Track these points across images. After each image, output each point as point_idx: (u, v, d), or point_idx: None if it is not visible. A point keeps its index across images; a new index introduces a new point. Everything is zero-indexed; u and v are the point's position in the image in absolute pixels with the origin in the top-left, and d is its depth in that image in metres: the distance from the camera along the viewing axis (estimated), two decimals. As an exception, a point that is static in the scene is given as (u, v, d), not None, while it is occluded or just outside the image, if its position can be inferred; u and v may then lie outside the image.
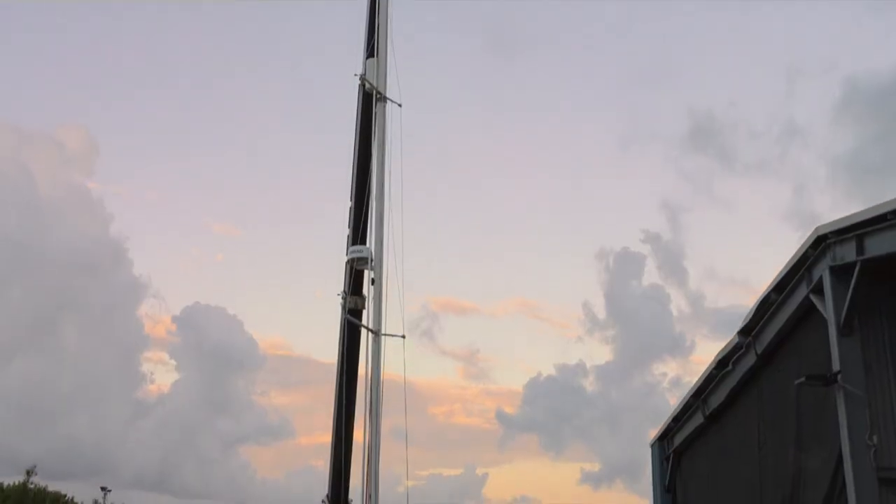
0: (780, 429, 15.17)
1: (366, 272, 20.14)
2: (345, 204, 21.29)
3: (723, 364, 17.15)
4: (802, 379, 12.82)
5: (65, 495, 52.76)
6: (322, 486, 21.70)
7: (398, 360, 19.52)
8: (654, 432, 21.78)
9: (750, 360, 16.10)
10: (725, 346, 16.89)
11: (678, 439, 20.03)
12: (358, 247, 19.97)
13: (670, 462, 20.60)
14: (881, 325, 12.98)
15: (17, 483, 47.75)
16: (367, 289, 20.69)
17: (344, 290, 20.99)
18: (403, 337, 19.96)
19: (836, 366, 12.62)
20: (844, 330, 12.72)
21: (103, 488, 48.45)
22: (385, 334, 19.67)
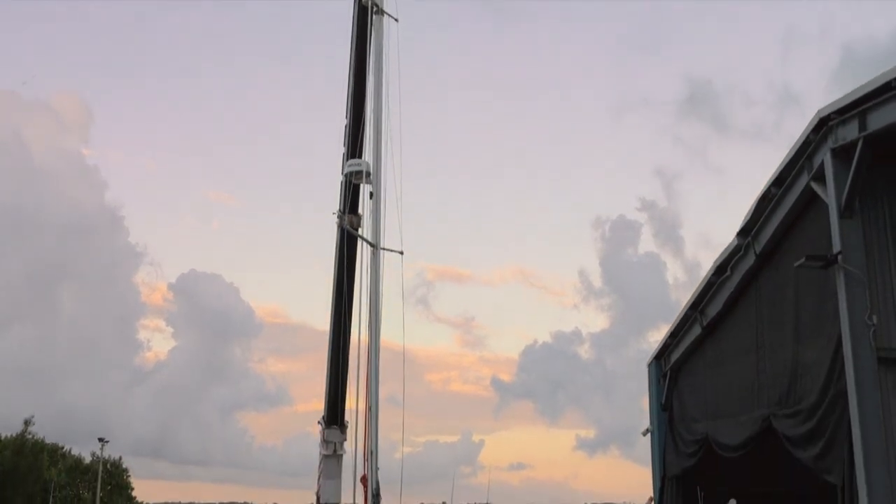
0: (779, 326, 15.12)
1: (363, 186, 19.99)
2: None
3: (721, 270, 17.07)
4: (802, 260, 12.74)
5: (62, 447, 53.06)
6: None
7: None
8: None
9: (749, 262, 16.02)
10: (724, 251, 16.81)
11: (675, 356, 19.97)
12: (355, 160, 19.80)
13: (667, 380, 20.55)
14: (882, 208, 12.91)
15: (14, 435, 47.86)
16: (363, 207, 20.53)
17: (340, 209, 20.85)
18: (402, 253, 19.86)
19: (836, 247, 12.56)
20: (845, 212, 12.65)
21: (101, 439, 48.52)
22: (384, 248, 19.57)
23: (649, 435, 21.25)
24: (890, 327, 12.43)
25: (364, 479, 18.54)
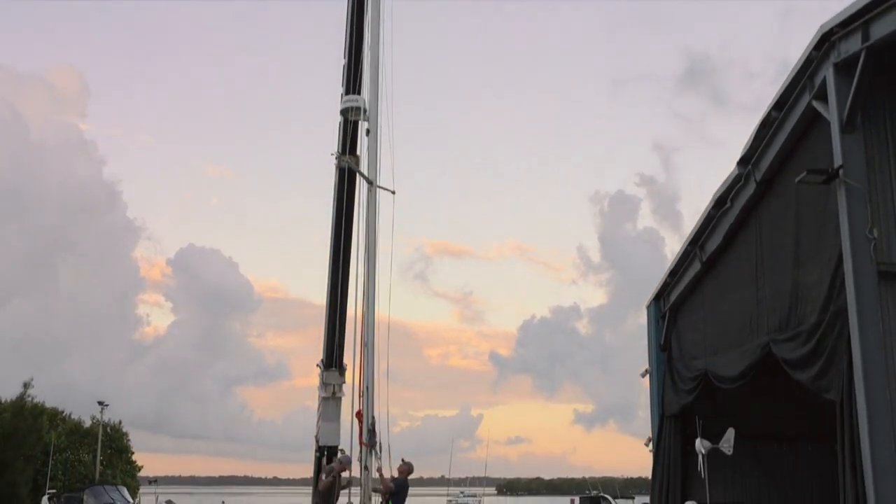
0: (779, 253, 15.05)
1: (360, 123, 19.88)
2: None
3: (720, 202, 16.98)
4: (804, 174, 12.64)
5: (62, 411, 53.05)
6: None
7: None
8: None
9: (749, 191, 15.92)
10: (723, 182, 16.70)
11: (674, 295, 19.92)
12: (352, 96, 19.67)
13: (665, 320, 20.52)
14: (883, 123, 12.82)
15: (14, 399, 47.87)
16: (360, 146, 20.42)
17: (338, 150, 20.73)
18: (393, 192, 19.80)
19: (837, 161, 12.47)
20: (847, 127, 12.56)
21: (100, 402, 48.51)
22: (379, 186, 19.49)
23: (648, 377, 21.27)
24: (890, 241, 12.37)
25: (359, 414, 18.58)
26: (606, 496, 44.86)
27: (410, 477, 16.99)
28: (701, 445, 15.99)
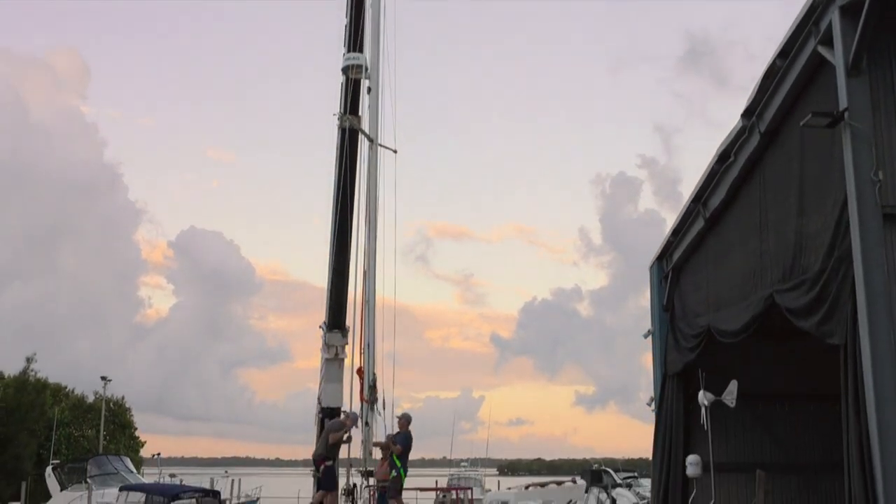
0: (783, 204, 14.98)
1: (362, 81, 19.84)
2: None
3: (724, 157, 16.89)
4: (808, 117, 12.56)
5: (65, 386, 53.32)
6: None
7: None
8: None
9: (753, 143, 15.83)
10: (727, 136, 16.61)
11: (677, 254, 19.87)
12: (353, 53, 19.61)
13: (668, 280, 20.48)
14: (889, 66, 12.73)
15: (17, 374, 48.03)
16: (362, 106, 20.37)
17: (340, 110, 20.67)
18: (395, 151, 19.77)
19: (843, 104, 12.39)
20: (852, 70, 12.47)
21: (103, 378, 48.68)
22: (381, 144, 19.47)
23: (650, 338, 21.26)
24: (895, 184, 12.28)
25: (360, 371, 18.67)
26: (608, 469, 44.97)
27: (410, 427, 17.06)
28: (704, 398, 15.99)
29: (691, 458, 16.27)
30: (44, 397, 47.38)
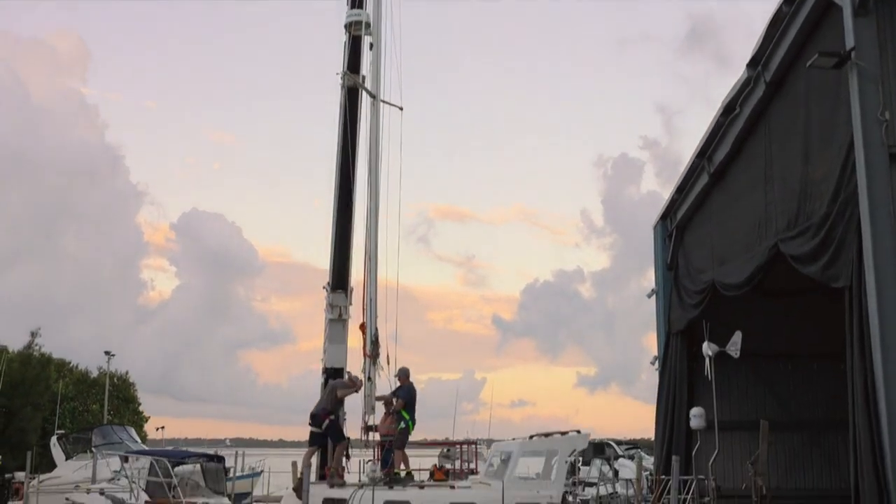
0: (789, 152, 14.91)
1: (364, 38, 19.70)
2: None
3: (729, 109, 16.79)
4: (815, 57, 12.45)
5: (69, 362, 53.38)
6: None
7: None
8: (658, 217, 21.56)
9: (758, 93, 15.73)
10: (732, 88, 16.49)
11: (681, 212, 19.82)
12: (355, 10, 19.47)
13: (672, 239, 20.44)
14: (896, 7, 12.57)
15: (21, 349, 48.06)
16: (365, 66, 20.23)
17: (343, 69, 20.52)
18: (401, 109, 19.64)
19: (849, 44, 12.27)
20: (859, 10, 12.36)
21: (107, 352, 48.74)
22: (383, 101, 19.34)
23: (654, 297, 21.26)
24: (902, 124, 12.18)
25: (363, 327, 18.65)
26: (611, 442, 45.11)
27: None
28: (708, 348, 15.96)
29: (695, 411, 16.27)
30: (48, 371, 47.42)
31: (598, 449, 41.37)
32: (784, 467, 20.46)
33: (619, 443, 47.18)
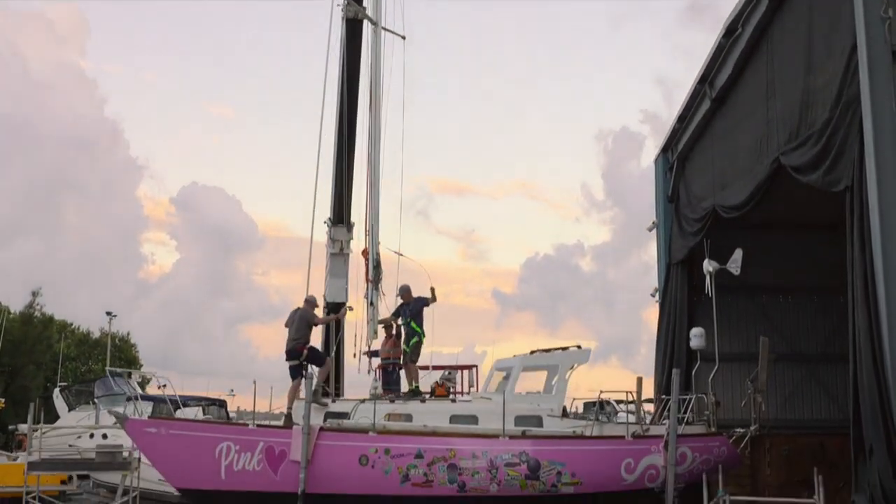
0: (791, 65, 14.85)
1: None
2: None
3: (731, 30, 16.72)
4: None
5: (71, 323, 53.59)
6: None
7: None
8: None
9: (761, 10, 15.65)
10: (734, 9, 16.42)
11: (682, 141, 19.80)
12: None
13: (674, 171, 20.44)
14: None
15: (22, 311, 48.13)
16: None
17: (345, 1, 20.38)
18: (403, 38, 19.56)
19: (852, -59, 12.20)
20: None
21: (108, 313, 48.82)
22: (385, 28, 19.27)
23: (655, 230, 21.30)
24: (904, 22, 12.13)
25: (365, 253, 18.69)
26: (611, 400, 45.26)
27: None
28: (709, 265, 15.98)
29: (695, 331, 16.31)
30: (50, 331, 47.56)
31: (599, 406, 41.31)
32: (782, 399, 20.61)
33: (619, 402, 47.38)
